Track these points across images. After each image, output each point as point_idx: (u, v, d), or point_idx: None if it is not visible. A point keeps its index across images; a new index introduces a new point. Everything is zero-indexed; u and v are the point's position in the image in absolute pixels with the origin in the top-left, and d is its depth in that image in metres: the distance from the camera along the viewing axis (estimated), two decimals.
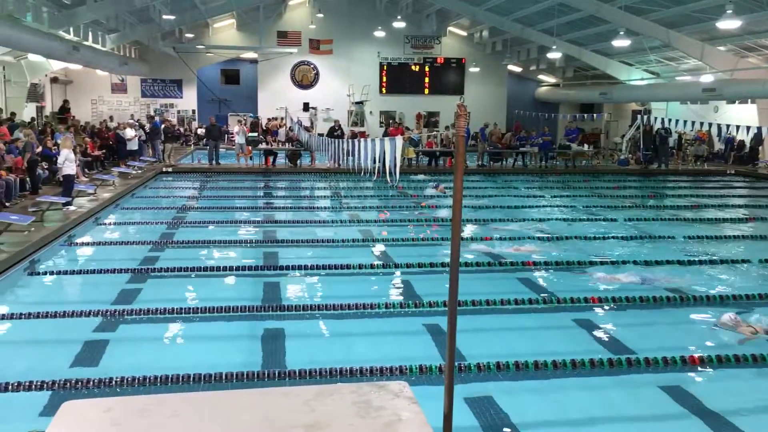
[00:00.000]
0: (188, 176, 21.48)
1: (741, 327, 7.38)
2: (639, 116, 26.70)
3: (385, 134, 23.58)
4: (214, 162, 23.01)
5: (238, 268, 9.94)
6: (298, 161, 23.48)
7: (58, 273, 9.94)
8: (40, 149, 16.76)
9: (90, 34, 23.02)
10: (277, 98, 31.96)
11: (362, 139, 13.28)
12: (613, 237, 12.88)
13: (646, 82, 27.24)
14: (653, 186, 21.92)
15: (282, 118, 28.68)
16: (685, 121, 24.46)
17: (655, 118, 25.99)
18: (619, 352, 6.92)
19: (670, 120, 25.22)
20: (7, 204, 13.33)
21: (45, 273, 9.85)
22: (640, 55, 25.88)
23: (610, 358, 6.63)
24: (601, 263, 10.72)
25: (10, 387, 5.68)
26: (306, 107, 32.53)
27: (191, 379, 5.89)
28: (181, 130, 31.23)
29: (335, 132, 24.17)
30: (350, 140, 14.33)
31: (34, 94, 25.95)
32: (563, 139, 27.48)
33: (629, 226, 13.97)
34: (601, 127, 33.65)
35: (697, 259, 10.93)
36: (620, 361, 6.59)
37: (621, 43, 21.61)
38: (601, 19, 22.07)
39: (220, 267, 9.99)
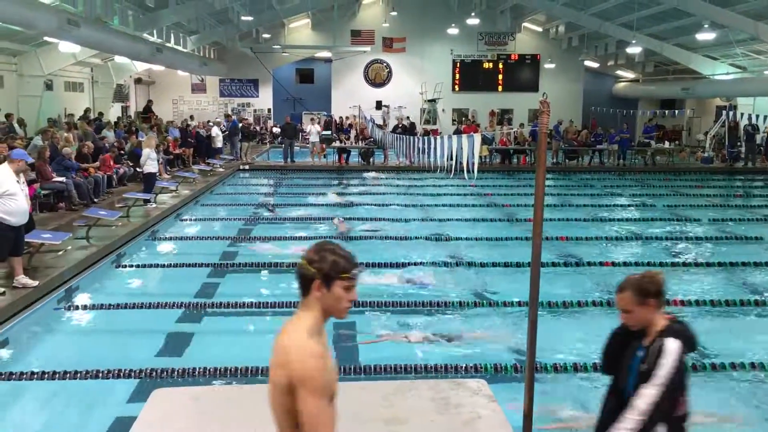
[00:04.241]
0: (264, 174, 21.98)
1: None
2: (724, 112, 25.60)
3: (457, 132, 23.46)
4: (289, 160, 23.47)
5: None
6: (371, 159, 23.65)
7: (143, 266, 10.35)
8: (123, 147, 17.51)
9: (172, 35, 23.81)
10: (351, 97, 32.22)
11: (437, 137, 13.24)
12: (696, 238, 12.45)
13: (731, 76, 26.07)
14: (739, 185, 21.03)
15: (355, 117, 28.93)
16: None
17: (742, 114, 24.86)
18: (703, 356, 6.68)
19: (757, 116, 24.07)
20: (95, 200, 13.98)
21: (131, 266, 10.28)
22: (725, 48, 24.79)
23: (693, 363, 6.40)
24: (684, 264, 10.39)
25: (100, 374, 5.95)
26: (379, 105, 32.68)
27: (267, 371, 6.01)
28: (257, 128, 31.93)
29: (398, 129, 24.14)
30: (425, 137, 14.33)
31: (120, 95, 27.05)
32: (642, 137, 26.67)
33: (714, 227, 13.46)
34: (683, 124, 32.45)
35: None
36: (704, 365, 6.36)
37: (705, 36, 20.77)
38: (684, 11, 21.26)
39: (295, 263, 10.12)
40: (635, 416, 2.94)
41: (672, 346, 3.00)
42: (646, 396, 2.94)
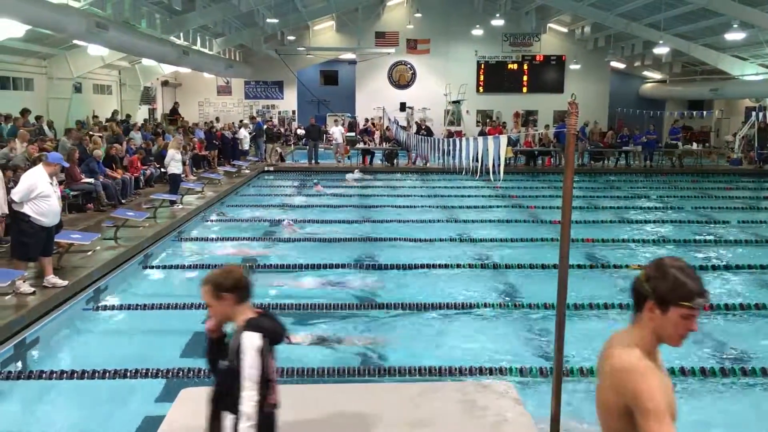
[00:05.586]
0: (288, 175, 22.09)
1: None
2: (753, 113, 25.21)
3: (482, 133, 23.37)
4: (313, 161, 23.57)
5: (338, 266, 10.08)
6: (395, 160, 23.67)
7: (170, 267, 10.45)
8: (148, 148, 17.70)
9: (198, 38, 24.04)
10: (375, 98, 32.25)
11: (463, 138, 13.21)
12: (725, 240, 12.27)
13: (761, 77, 25.66)
14: None
15: (380, 118, 28.93)
16: None
17: None
18: (733, 361, 6.59)
19: None
20: (123, 201, 14.16)
21: (158, 267, 10.39)
22: (755, 48, 24.39)
23: (722, 367, 6.31)
24: (712, 267, 10.24)
25: (128, 374, 6.02)
26: (403, 107, 32.68)
27: (295, 372, 6.05)
28: (282, 130, 32.11)
29: (421, 131, 24.14)
30: (450, 139, 14.30)
31: (147, 97, 27.37)
32: (669, 138, 26.36)
33: (743, 229, 13.26)
34: (711, 125, 32.00)
35: None
36: (734, 370, 6.27)
37: (734, 36, 20.47)
38: (713, 11, 20.98)
39: (320, 265, 10.16)
40: (247, 424, 2.85)
41: (248, 341, 2.92)
42: (247, 398, 2.87)
